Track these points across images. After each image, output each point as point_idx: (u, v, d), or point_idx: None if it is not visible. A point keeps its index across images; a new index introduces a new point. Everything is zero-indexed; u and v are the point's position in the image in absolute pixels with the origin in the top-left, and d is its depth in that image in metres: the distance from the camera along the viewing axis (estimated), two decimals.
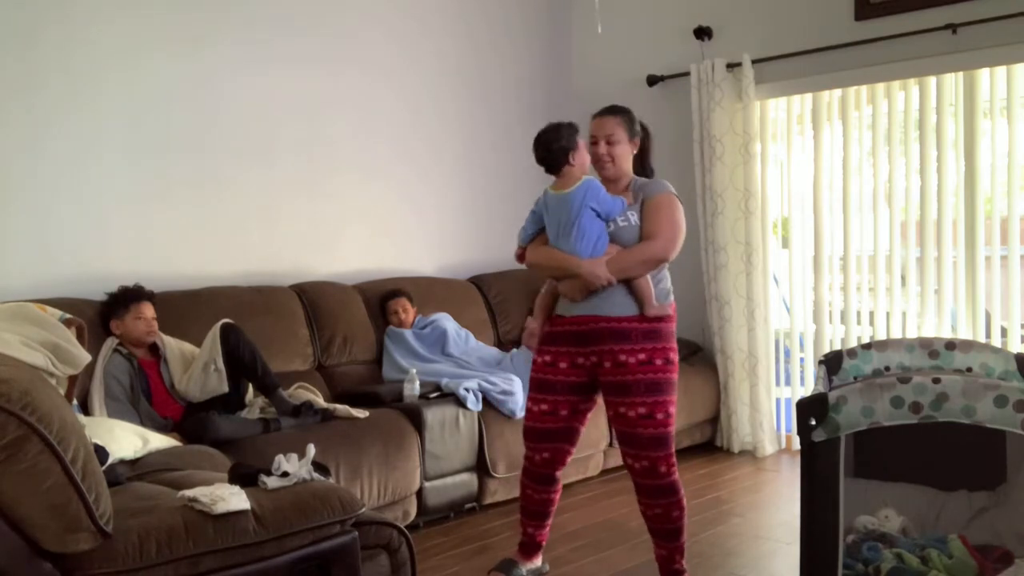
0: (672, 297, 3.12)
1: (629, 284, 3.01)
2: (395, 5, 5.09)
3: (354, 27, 4.91)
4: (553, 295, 3.17)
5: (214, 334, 3.67)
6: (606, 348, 3.01)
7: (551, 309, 3.18)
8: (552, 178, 3.14)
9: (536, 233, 3.17)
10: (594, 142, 3.09)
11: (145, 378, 3.65)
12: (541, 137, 3.10)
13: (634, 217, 3.04)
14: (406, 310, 4.65)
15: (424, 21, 5.24)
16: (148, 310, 3.71)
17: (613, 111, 3.14)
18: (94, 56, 3.98)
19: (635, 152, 3.15)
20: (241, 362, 3.67)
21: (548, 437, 3.18)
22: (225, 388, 3.63)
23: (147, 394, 3.63)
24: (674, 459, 3.03)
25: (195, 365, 3.68)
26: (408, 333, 4.59)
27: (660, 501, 3.02)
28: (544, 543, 3.34)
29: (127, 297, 3.70)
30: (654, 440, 2.98)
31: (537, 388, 3.18)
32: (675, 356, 3.06)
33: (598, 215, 3.01)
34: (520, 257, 3.25)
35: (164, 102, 4.20)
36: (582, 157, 3.10)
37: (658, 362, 2.99)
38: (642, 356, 2.99)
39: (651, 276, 3.05)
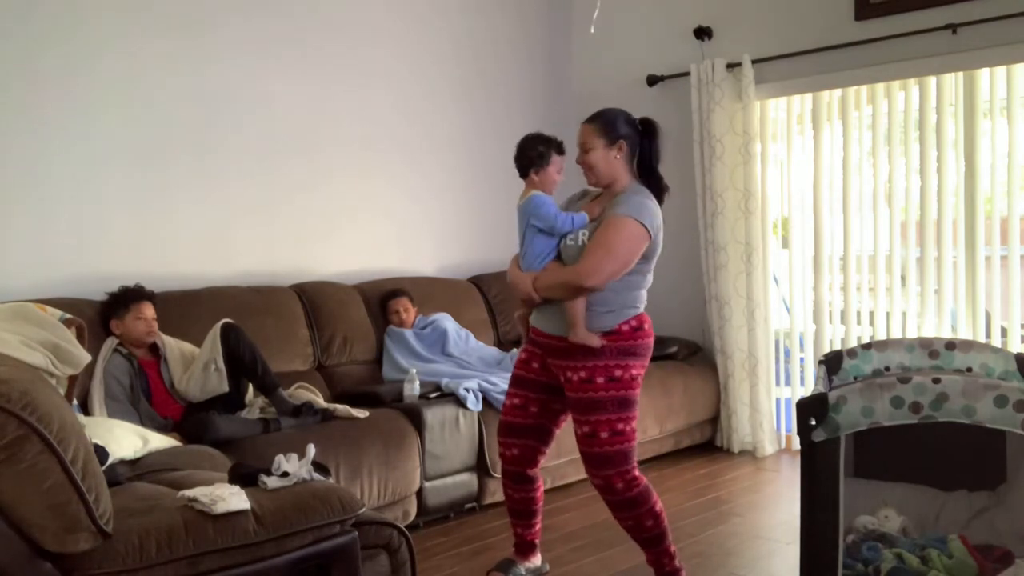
0: (634, 312, 2.98)
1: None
2: (395, 8, 5.09)
3: (353, 29, 4.91)
4: None
5: (214, 334, 3.67)
6: (557, 363, 3.02)
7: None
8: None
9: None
10: (579, 142, 3.03)
11: (145, 378, 3.65)
12: (523, 141, 3.10)
13: (583, 236, 2.96)
14: (407, 310, 4.65)
15: (423, 23, 5.23)
16: (148, 310, 3.72)
17: (591, 118, 3.03)
18: (94, 56, 3.98)
19: (619, 155, 2.98)
20: (241, 362, 3.67)
21: (518, 432, 3.17)
22: (225, 388, 3.63)
23: (147, 394, 3.63)
24: (633, 474, 2.95)
25: (195, 364, 3.68)
26: (408, 333, 4.59)
27: (628, 514, 2.99)
28: (537, 541, 3.33)
29: (127, 297, 3.71)
30: (602, 459, 2.94)
31: (513, 382, 3.20)
32: (623, 372, 2.93)
33: (543, 231, 3.00)
34: None
35: (164, 103, 4.20)
36: (548, 176, 3.05)
37: (599, 380, 2.91)
38: (583, 374, 2.93)
39: (607, 302, 2.94)
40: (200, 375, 3.64)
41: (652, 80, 5.52)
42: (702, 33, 5.32)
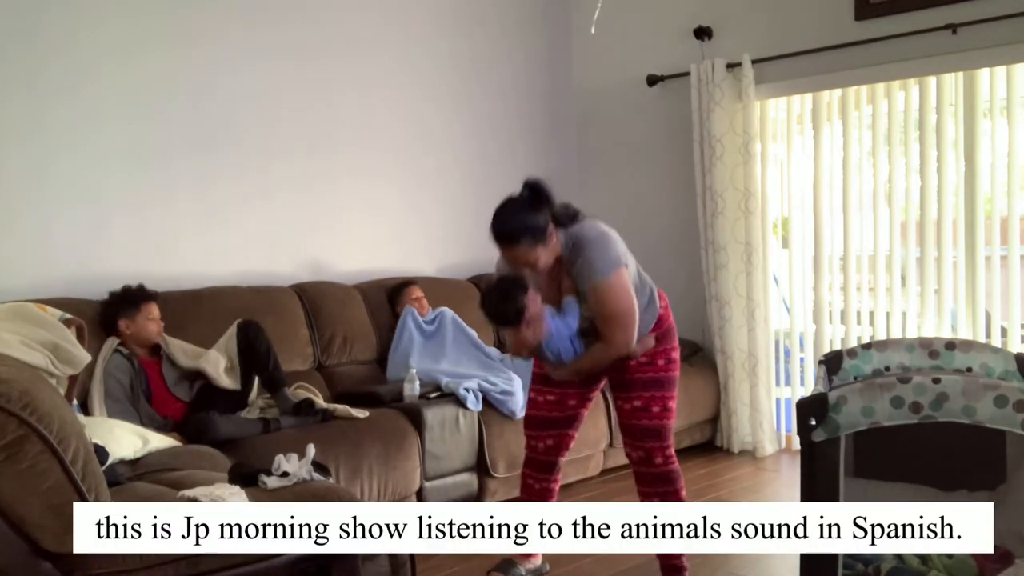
0: (658, 303, 3.10)
1: None
2: (394, 9, 5.09)
3: (354, 29, 4.91)
4: None
5: (231, 331, 3.77)
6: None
7: None
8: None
9: None
10: (516, 265, 2.92)
11: (145, 378, 3.66)
12: (489, 303, 2.98)
13: (587, 314, 2.94)
14: (422, 297, 4.68)
15: (423, 22, 5.23)
16: (156, 310, 3.74)
17: (511, 238, 2.85)
18: (94, 56, 3.98)
19: (553, 238, 2.89)
20: (256, 354, 3.75)
21: (553, 425, 3.21)
22: (237, 387, 3.72)
23: (147, 394, 3.63)
24: (671, 451, 3.09)
25: (222, 358, 3.76)
26: (422, 321, 4.59)
27: (658, 489, 3.07)
28: None
29: (137, 297, 3.72)
30: (649, 431, 3.04)
31: (543, 381, 3.20)
32: (676, 355, 3.14)
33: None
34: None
35: (165, 103, 4.20)
36: (534, 306, 2.90)
37: (660, 362, 3.08)
38: (643, 359, 3.06)
39: (646, 299, 3.04)
40: (226, 370, 3.74)
41: (652, 80, 5.52)
42: (702, 33, 5.32)
